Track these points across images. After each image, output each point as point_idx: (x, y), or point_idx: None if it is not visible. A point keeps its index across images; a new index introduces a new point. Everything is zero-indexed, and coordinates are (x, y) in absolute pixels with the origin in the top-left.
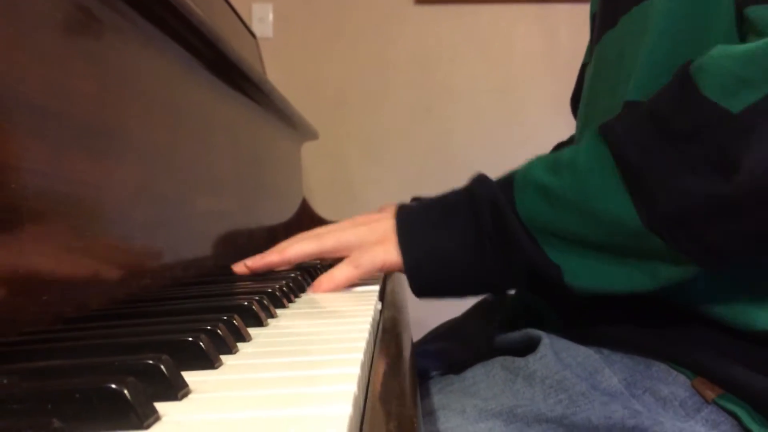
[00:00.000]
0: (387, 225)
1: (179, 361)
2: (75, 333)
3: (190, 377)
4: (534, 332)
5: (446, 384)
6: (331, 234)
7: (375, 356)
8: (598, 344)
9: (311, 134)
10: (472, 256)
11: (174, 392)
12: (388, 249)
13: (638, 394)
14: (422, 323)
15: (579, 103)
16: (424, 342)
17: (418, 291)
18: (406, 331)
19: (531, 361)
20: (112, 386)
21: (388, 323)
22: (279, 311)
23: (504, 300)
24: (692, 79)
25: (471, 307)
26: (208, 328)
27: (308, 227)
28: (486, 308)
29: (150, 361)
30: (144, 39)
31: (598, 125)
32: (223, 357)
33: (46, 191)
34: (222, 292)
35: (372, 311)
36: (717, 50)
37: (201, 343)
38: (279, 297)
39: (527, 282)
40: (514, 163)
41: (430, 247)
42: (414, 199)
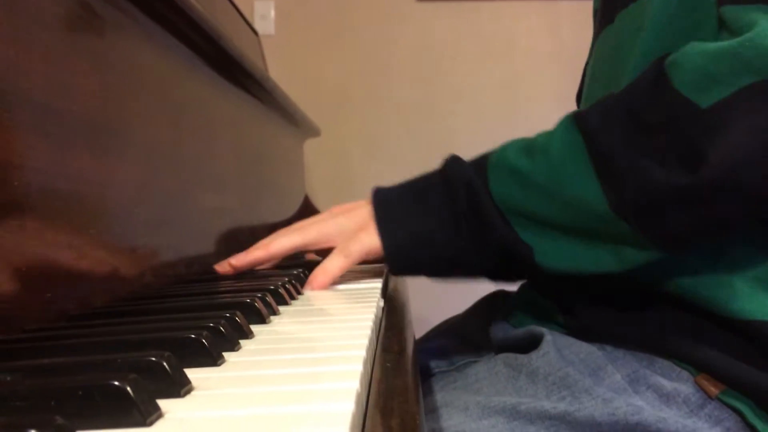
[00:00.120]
0: (364, 211)
1: (182, 358)
2: (78, 330)
3: (193, 374)
4: (536, 329)
5: (449, 381)
6: (313, 226)
7: (377, 353)
8: (601, 341)
9: (313, 131)
10: (448, 236)
11: (177, 389)
12: (371, 234)
13: (641, 391)
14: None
15: None
16: (427, 339)
17: (396, 271)
18: (409, 329)
19: (534, 358)
20: (115, 383)
21: (391, 320)
22: (281, 308)
23: (507, 297)
24: (666, 73)
25: (473, 305)
26: (211, 325)
27: None
28: (488, 305)
29: (153, 359)
30: (146, 36)
31: (573, 113)
32: (226, 354)
33: (49, 189)
34: (224, 289)
35: (374, 308)
36: (691, 46)
37: (203, 340)
38: (281, 294)
39: (500, 261)
40: None
41: (408, 230)
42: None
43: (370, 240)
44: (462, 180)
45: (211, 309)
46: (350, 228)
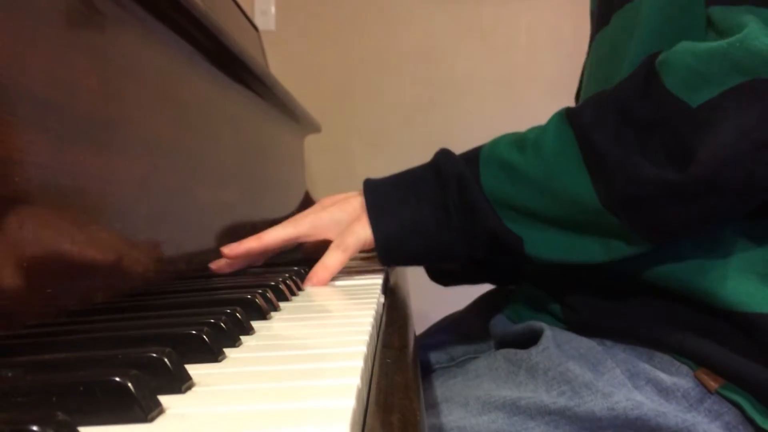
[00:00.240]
0: (356, 202)
1: (183, 354)
2: (79, 326)
3: (194, 370)
4: (536, 324)
5: (449, 377)
6: (305, 218)
7: (378, 349)
8: (601, 336)
9: (314, 127)
10: (438, 227)
11: (178, 385)
12: (365, 225)
13: (641, 385)
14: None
15: None
16: (427, 335)
17: (387, 261)
18: (409, 325)
19: (533, 353)
20: (116, 379)
21: (391, 316)
22: (282, 304)
23: (507, 293)
24: (657, 72)
25: (474, 301)
26: (212, 321)
27: None
28: (489, 302)
29: (154, 354)
30: (146, 31)
31: (564, 109)
32: (227, 350)
33: (50, 184)
34: (225, 285)
35: (375, 305)
36: (681, 46)
37: (204, 336)
38: (282, 290)
39: (490, 252)
40: None
41: (399, 220)
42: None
43: (365, 232)
44: (453, 172)
45: (212, 305)
46: (343, 219)
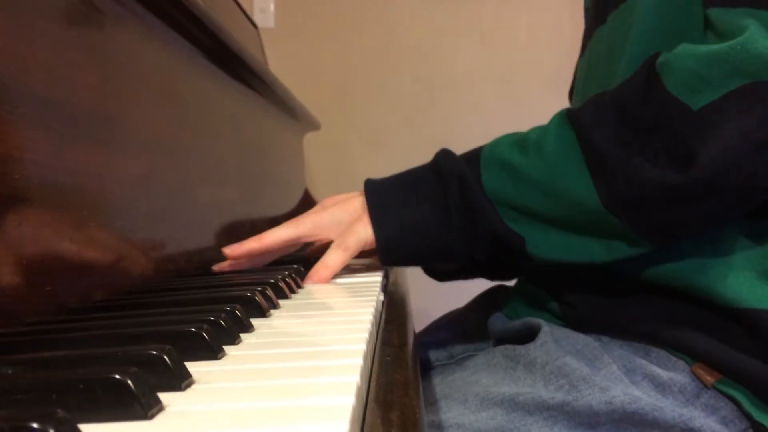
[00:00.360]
0: (358, 203)
1: (182, 352)
2: (79, 324)
3: (194, 368)
4: (534, 321)
5: (448, 374)
6: (306, 218)
7: (378, 347)
8: (597, 332)
9: (313, 125)
10: (439, 227)
11: (177, 383)
12: (366, 226)
13: (638, 381)
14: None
15: None
16: (427, 333)
17: (388, 261)
18: (409, 322)
19: (531, 349)
20: (116, 377)
21: (391, 314)
22: (281, 302)
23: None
24: (657, 74)
25: (474, 299)
26: (211, 319)
27: None
28: (489, 299)
29: (153, 352)
30: (145, 29)
31: (566, 110)
32: (226, 348)
33: (49, 182)
34: (225, 283)
35: (374, 302)
36: (682, 48)
37: (204, 334)
38: (281, 288)
39: (491, 252)
40: None
41: (400, 220)
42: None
43: (366, 232)
44: (454, 172)
45: (212, 302)
46: (344, 219)
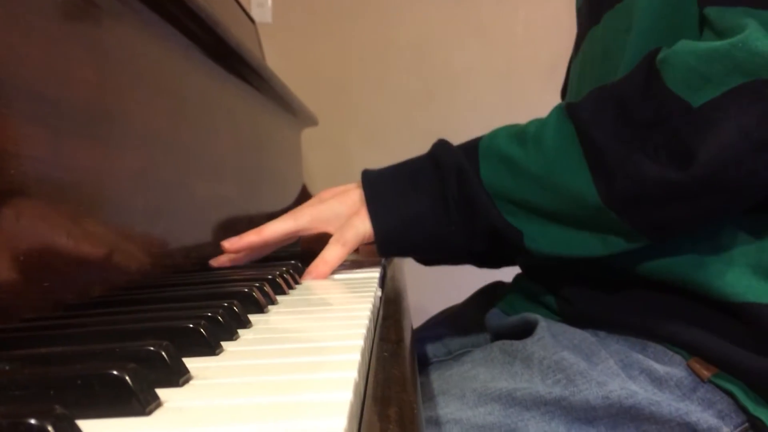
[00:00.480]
0: (355, 195)
1: (180, 348)
2: (76, 320)
3: (192, 364)
4: (531, 316)
5: (445, 369)
6: (305, 211)
7: (375, 343)
8: (594, 327)
9: (311, 120)
10: (438, 219)
11: (176, 378)
12: (364, 219)
13: (634, 375)
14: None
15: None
16: (425, 329)
17: (385, 253)
18: (406, 318)
19: (529, 344)
20: (114, 373)
21: (389, 310)
22: (280, 298)
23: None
24: (657, 70)
25: (471, 295)
26: (209, 315)
27: None
28: (487, 296)
29: (151, 348)
30: (142, 24)
31: (565, 104)
32: (224, 343)
33: (46, 177)
34: (223, 279)
35: (372, 298)
36: (681, 45)
37: (202, 330)
38: (279, 284)
39: (489, 245)
40: None
41: (398, 212)
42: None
43: (364, 226)
44: (452, 164)
45: (209, 298)
46: (343, 212)
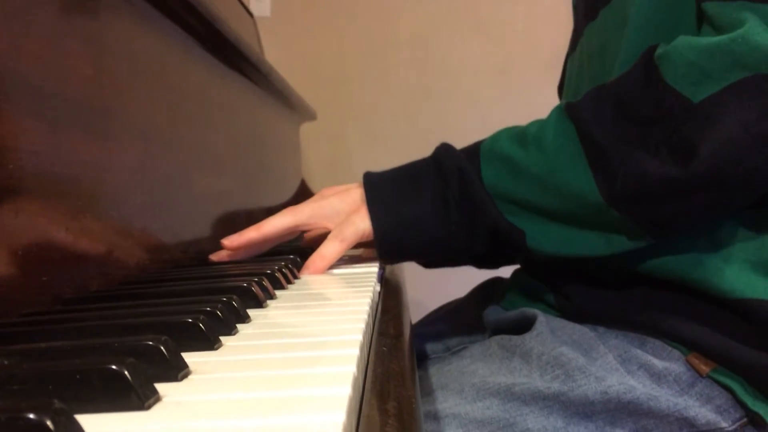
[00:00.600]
0: (356, 194)
1: (179, 342)
2: (75, 314)
3: (191, 358)
4: (529, 311)
5: (444, 364)
6: (305, 207)
7: (374, 338)
8: (593, 322)
9: (310, 115)
10: (439, 221)
11: (174, 373)
12: (364, 217)
13: (633, 370)
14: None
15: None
16: (424, 324)
17: (386, 255)
18: (405, 313)
19: (527, 339)
20: (113, 367)
21: (387, 305)
22: (278, 292)
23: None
24: (656, 66)
25: (471, 291)
26: (208, 310)
27: None
28: (486, 291)
29: (150, 342)
30: (141, 19)
31: (565, 104)
32: (223, 338)
33: (45, 172)
34: (221, 274)
35: (371, 293)
36: (680, 41)
37: (201, 325)
38: (278, 278)
39: (490, 246)
40: None
41: (398, 214)
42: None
43: (364, 223)
44: (453, 166)
45: (208, 293)
46: (343, 209)
